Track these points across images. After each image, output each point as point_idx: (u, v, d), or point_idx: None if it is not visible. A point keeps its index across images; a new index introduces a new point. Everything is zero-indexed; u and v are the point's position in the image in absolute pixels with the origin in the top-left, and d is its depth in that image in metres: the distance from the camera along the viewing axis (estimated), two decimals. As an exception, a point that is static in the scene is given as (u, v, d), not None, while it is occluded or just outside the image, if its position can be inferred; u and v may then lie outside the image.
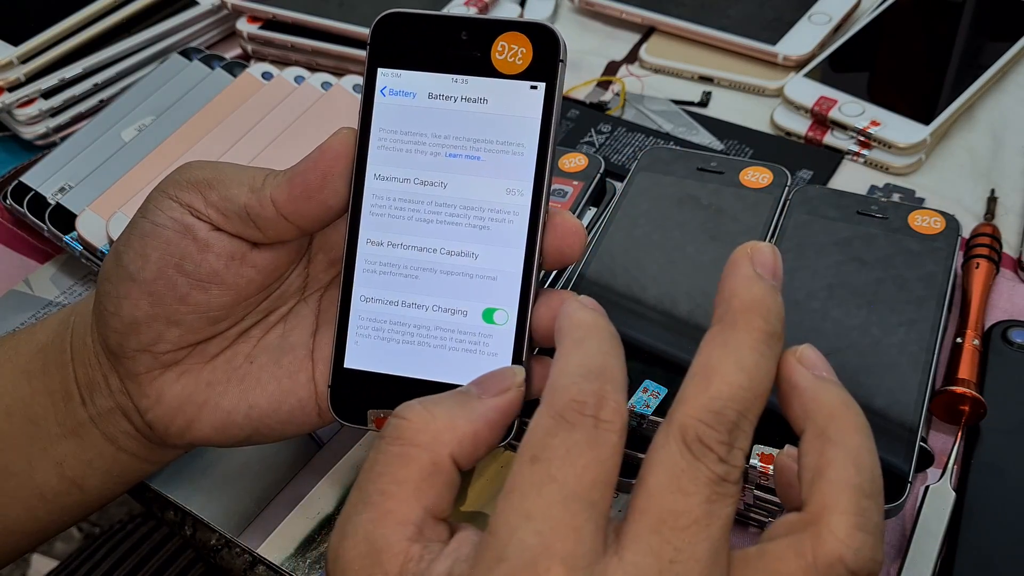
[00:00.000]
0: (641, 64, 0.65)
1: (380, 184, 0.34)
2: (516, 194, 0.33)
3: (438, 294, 0.33)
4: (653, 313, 0.42)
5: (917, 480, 0.40)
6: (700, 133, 0.59)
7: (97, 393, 0.36)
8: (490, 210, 0.33)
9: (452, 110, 0.34)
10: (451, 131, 0.34)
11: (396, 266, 0.34)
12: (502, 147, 0.33)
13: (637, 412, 0.38)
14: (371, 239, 0.34)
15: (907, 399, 0.38)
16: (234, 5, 0.65)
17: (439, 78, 0.34)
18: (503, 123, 0.33)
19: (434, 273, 0.34)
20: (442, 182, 0.34)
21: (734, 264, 0.27)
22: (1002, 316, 0.46)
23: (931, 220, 0.44)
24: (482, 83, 0.33)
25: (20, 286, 0.54)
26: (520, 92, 0.33)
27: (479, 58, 0.33)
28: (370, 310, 0.34)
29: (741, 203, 0.46)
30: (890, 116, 0.56)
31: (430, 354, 0.33)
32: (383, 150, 0.34)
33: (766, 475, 0.36)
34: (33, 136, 0.61)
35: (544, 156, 0.33)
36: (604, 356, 0.26)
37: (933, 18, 0.64)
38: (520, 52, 0.33)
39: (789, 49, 0.61)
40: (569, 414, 0.25)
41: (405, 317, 0.34)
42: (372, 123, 0.34)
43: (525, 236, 0.33)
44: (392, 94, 0.34)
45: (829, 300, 0.42)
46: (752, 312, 0.25)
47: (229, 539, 0.42)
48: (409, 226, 0.34)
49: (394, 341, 0.34)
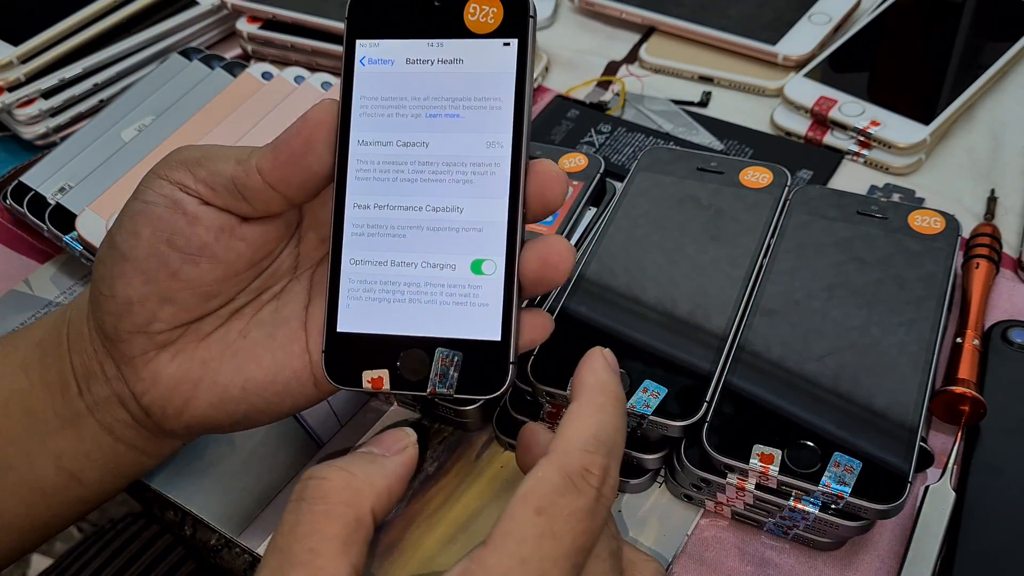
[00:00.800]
0: (641, 64, 0.65)
1: (364, 149, 0.35)
2: (496, 146, 0.34)
3: (426, 250, 0.34)
4: (653, 313, 0.42)
5: (917, 480, 0.40)
6: (700, 133, 0.59)
7: (94, 381, 0.36)
8: (472, 164, 0.34)
9: (429, 72, 0.35)
10: (430, 92, 0.34)
11: (383, 227, 0.34)
12: (480, 103, 0.34)
13: (637, 412, 0.38)
14: (358, 203, 0.35)
15: (907, 399, 0.38)
16: (234, 5, 0.65)
17: (415, 44, 0.35)
18: (479, 80, 0.34)
19: (421, 230, 0.34)
20: (424, 141, 0.34)
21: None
22: (1002, 316, 0.46)
23: (931, 220, 0.44)
24: (457, 44, 0.34)
25: (20, 286, 0.54)
26: (493, 50, 0.34)
27: (452, 21, 0.34)
28: (360, 272, 0.34)
29: (741, 203, 0.46)
30: (890, 116, 0.56)
31: (421, 310, 0.34)
32: (365, 116, 0.35)
33: (766, 475, 0.36)
34: (33, 136, 0.61)
35: (521, 108, 0.34)
36: (617, 432, 0.29)
37: (933, 18, 0.64)
38: (491, 12, 0.34)
39: (789, 49, 0.61)
40: (578, 480, 0.27)
41: (395, 276, 0.34)
42: (353, 92, 0.35)
43: (507, 185, 0.34)
44: (371, 63, 0.35)
45: (829, 300, 0.42)
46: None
47: (229, 539, 0.42)
48: (394, 187, 0.34)
49: (385, 301, 0.34)
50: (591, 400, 0.29)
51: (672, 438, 0.39)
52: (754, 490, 0.37)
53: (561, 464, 0.27)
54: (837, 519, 0.36)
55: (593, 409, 0.29)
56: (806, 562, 0.39)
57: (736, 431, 0.37)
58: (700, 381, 0.39)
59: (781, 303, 0.42)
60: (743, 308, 0.42)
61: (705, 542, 0.40)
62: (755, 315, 0.41)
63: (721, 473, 0.37)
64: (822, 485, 0.35)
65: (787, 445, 0.36)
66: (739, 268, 0.43)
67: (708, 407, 0.38)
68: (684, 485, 0.40)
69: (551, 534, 0.26)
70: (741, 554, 0.39)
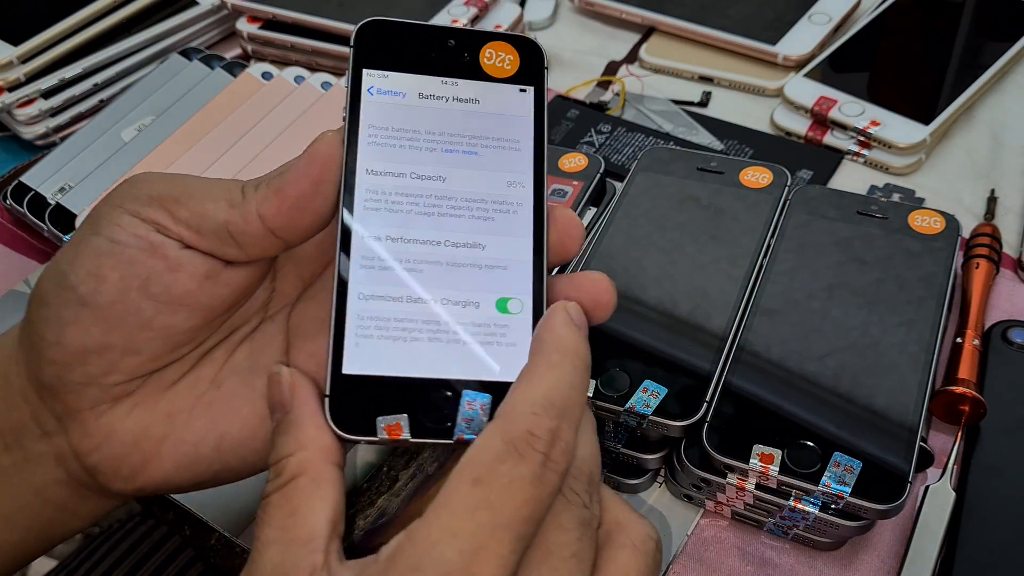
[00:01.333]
0: (641, 64, 0.65)
1: (373, 179, 0.32)
2: (518, 186, 0.33)
3: (447, 286, 0.31)
4: (653, 313, 0.42)
5: (917, 480, 0.40)
6: (700, 133, 0.59)
7: (26, 436, 0.31)
8: (493, 202, 0.33)
9: (445, 108, 0.33)
10: (445, 128, 0.33)
11: (397, 260, 0.32)
12: (499, 143, 0.33)
13: (637, 412, 0.38)
14: (366, 234, 0.31)
15: (907, 399, 0.38)
16: (234, 5, 0.65)
17: (428, 79, 0.33)
18: (497, 121, 0.33)
19: (440, 265, 0.32)
20: (440, 176, 0.33)
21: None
22: (1002, 316, 0.46)
23: (931, 220, 0.44)
24: (473, 85, 0.33)
25: (20, 286, 0.54)
26: (511, 94, 0.34)
27: (468, 62, 0.33)
28: (370, 308, 0.31)
29: (741, 203, 0.46)
30: (890, 116, 0.56)
31: (443, 350, 0.31)
32: (374, 146, 0.32)
33: (766, 475, 0.36)
34: (33, 136, 0.61)
35: (541, 151, 0.33)
36: (570, 390, 0.26)
37: (933, 18, 0.64)
38: (508, 59, 0.34)
39: (789, 49, 0.61)
40: (521, 445, 0.25)
41: (411, 313, 0.31)
42: (360, 120, 0.32)
43: (531, 225, 0.32)
44: (380, 93, 0.33)
45: (829, 300, 0.42)
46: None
47: (229, 539, 0.42)
48: (409, 219, 0.32)
49: (400, 340, 0.31)
50: (544, 358, 0.27)
51: (672, 438, 0.39)
52: (754, 490, 0.37)
53: (504, 429, 0.25)
54: (837, 519, 0.36)
55: (545, 368, 0.27)
56: (806, 562, 0.39)
57: (736, 431, 0.37)
58: (700, 381, 0.39)
59: (781, 303, 0.42)
60: (743, 308, 0.42)
61: (705, 542, 0.40)
62: (755, 315, 0.41)
63: (721, 473, 0.37)
64: (822, 485, 0.35)
65: (787, 445, 0.36)
66: (739, 268, 0.43)
67: (708, 407, 0.38)
68: (684, 485, 0.40)
69: (487, 504, 0.24)
70: (741, 554, 0.39)
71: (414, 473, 0.44)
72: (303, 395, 0.29)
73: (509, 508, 0.24)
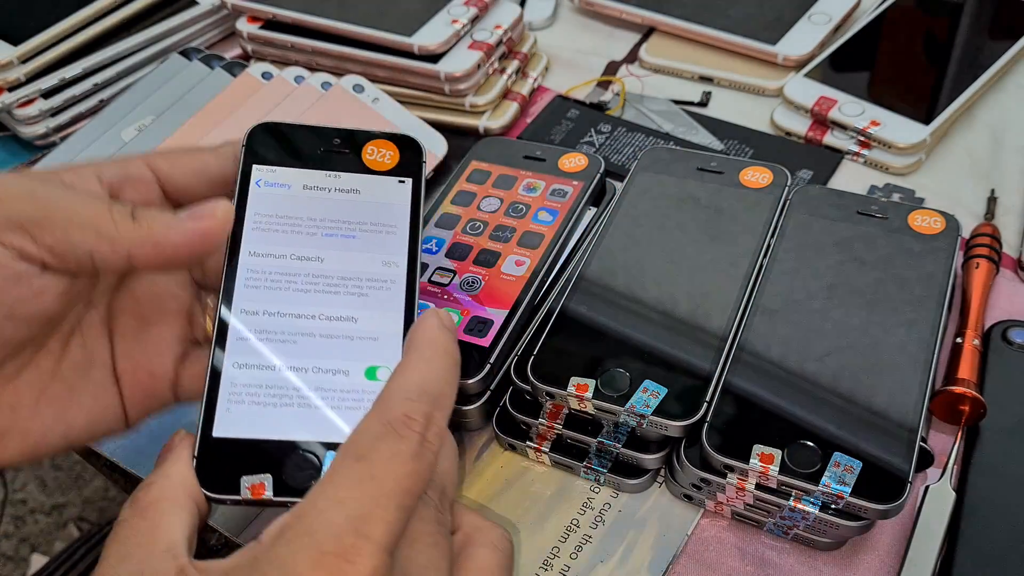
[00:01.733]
0: (641, 64, 0.65)
1: (255, 260, 0.34)
2: (392, 265, 0.35)
3: (318, 356, 0.33)
4: (653, 313, 0.42)
5: (917, 480, 0.40)
6: (700, 133, 0.59)
7: None
8: (368, 279, 0.35)
9: (326, 198, 0.36)
10: (326, 215, 0.36)
11: (273, 332, 0.33)
12: (375, 227, 0.36)
13: (637, 412, 0.38)
14: (246, 309, 0.33)
15: (907, 399, 0.38)
16: (234, 5, 0.65)
17: (312, 173, 0.36)
18: (375, 208, 0.36)
19: (313, 337, 0.33)
20: (319, 257, 0.35)
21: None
22: (1002, 316, 0.46)
23: (931, 220, 0.44)
24: (354, 177, 0.36)
25: (20, 286, 0.54)
26: (389, 185, 0.37)
27: (350, 158, 0.37)
28: (244, 376, 0.32)
29: (741, 203, 0.46)
30: (890, 116, 0.56)
31: (310, 414, 0.32)
32: (258, 231, 0.35)
33: (766, 475, 0.36)
34: (33, 136, 0.61)
35: (416, 234, 0.36)
36: (443, 383, 0.28)
37: (933, 18, 0.64)
38: (388, 154, 0.37)
39: (789, 49, 0.61)
40: (399, 426, 0.27)
41: (282, 381, 0.33)
42: (247, 209, 0.35)
43: (403, 300, 0.35)
44: (268, 185, 0.36)
45: (829, 300, 0.42)
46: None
47: (229, 539, 0.42)
48: (286, 296, 0.34)
49: (271, 405, 0.32)
50: (417, 354, 0.29)
51: (672, 438, 0.39)
52: (754, 490, 0.37)
53: (381, 413, 0.27)
54: (837, 519, 0.36)
55: (418, 361, 0.29)
56: (806, 562, 0.39)
57: (736, 431, 0.37)
58: (700, 381, 0.39)
59: (781, 303, 0.42)
60: (743, 308, 0.42)
61: (705, 542, 0.40)
62: (755, 315, 0.41)
63: (721, 473, 0.37)
64: (822, 485, 0.35)
65: (787, 445, 0.36)
66: (739, 268, 0.43)
67: (708, 407, 0.38)
68: (684, 485, 0.40)
69: (371, 476, 0.25)
70: (741, 554, 0.39)
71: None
72: (179, 443, 0.31)
73: (391, 480, 0.26)
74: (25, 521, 1.36)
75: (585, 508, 0.41)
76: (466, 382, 0.41)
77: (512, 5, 0.63)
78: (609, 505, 0.41)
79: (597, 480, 0.42)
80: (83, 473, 1.39)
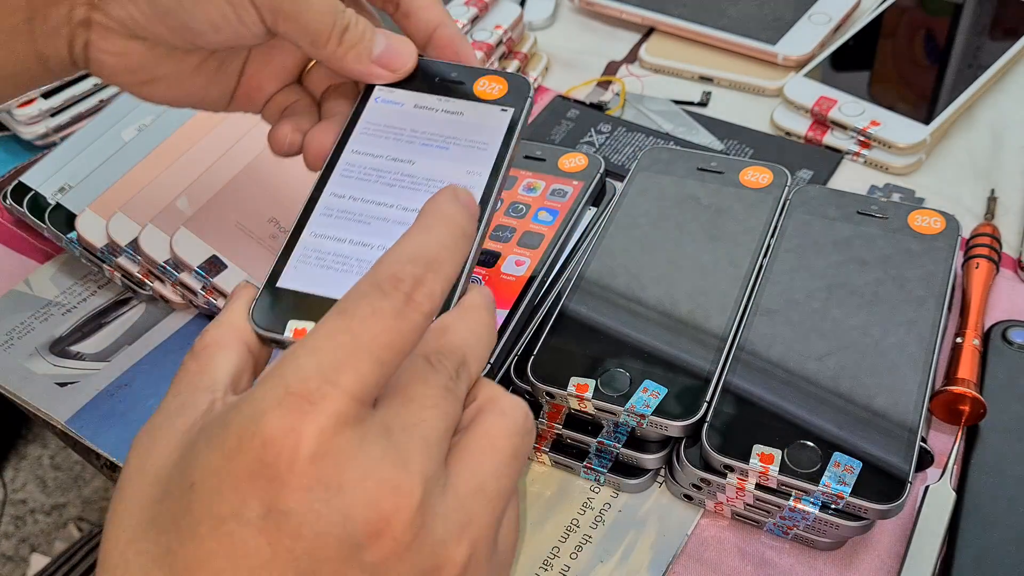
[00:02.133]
0: (641, 64, 0.65)
1: (355, 156, 0.39)
2: (475, 175, 0.38)
3: (387, 237, 0.36)
4: (653, 313, 0.42)
5: (917, 480, 0.40)
6: (700, 133, 0.59)
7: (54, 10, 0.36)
8: (449, 182, 0.37)
9: (432, 115, 0.40)
10: (428, 128, 0.39)
11: (352, 213, 0.37)
12: (469, 143, 0.39)
13: (637, 412, 0.38)
14: (335, 193, 0.38)
15: (907, 399, 0.38)
16: (234, 5, 0.65)
17: (426, 96, 0.40)
18: (473, 128, 0.39)
19: (387, 222, 0.37)
20: (411, 160, 0.39)
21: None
22: (1002, 316, 0.46)
23: (931, 220, 0.44)
24: (461, 103, 0.40)
25: (20, 286, 0.54)
26: (491, 111, 0.40)
27: (463, 88, 0.40)
28: (317, 243, 0.37)
29: (741, 203, 0.46)
30: (890, 116, 0.56)
31: None
32: (365, 135, 0.39)
33: (766, 475, 0.36)
34: (33, 136, 0.61)
35: (504, 153, 0.38)
36: (440, 248, 0.28)
37: (933, 18, 0.64)
38: (497, 87, 0.40)
39: (789, 49, 0.61)
40: (385, 285, 0.26)
41: (349, 252, 0.36)
42: (361, 118, 0.40)
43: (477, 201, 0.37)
44: (383, 102, 0.40)
45: (829, 300, 0.42)
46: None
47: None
48: (373, 187, 0.38)
49: (333, 269, 0.36)
50: (419, 223, 0.29)
51: (672, 438, 0.39)
52: (754, 490, 0.37)
53: (370, 275, 0.27)
54: (837, 519, 0.36)
55: (417, 230, 0.28)
56: (806, 562, 0.39)
57: (736, 431, 0.37)
58: (700, 381, 0.39)
59: (781, 303, 0.42)
60: (743, 308, 0.42)
61: (705, 542, 0.40)
62: (755, 315, 0.41)
63: (721, 473, 0.37)
64: (822, 485, 0.35)
65: (787, 445, 0.36)
66: (739, 268, 0.43)
67: (708, 407, 0.38)
68: (684, 485, 0.40)
69: (347, 329, 0.25)
70: (741, 554, 0.39)
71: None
72: (239, 293, 0.33)
73: (368, 335, 0.25)
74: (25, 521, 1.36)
75: (585, 508, 0.41)
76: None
77: (512, 5, 0.63)
78: (609, 505, 0.41)
79: (597, 480, 0.42)
80: (83, 473, 1.39)
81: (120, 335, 0.51)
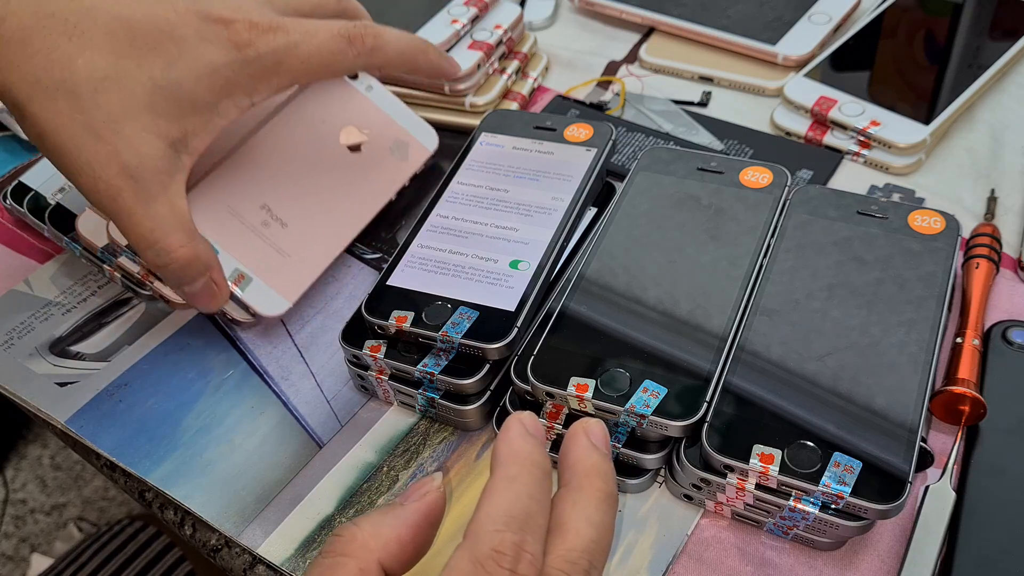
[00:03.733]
0: (641, 64, 0.65)
1: (459, 186, 0.49)
2: (559, 200, 0.47)
3: (480, 248, 0.45)
4: (653, 313, 0.42)
5: (917, 480, 0.40)
6: (700, 133, 0.59)
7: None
8: (536, 206, 0.47)
9: (527, 155, 0.50)
10: (523, 165, 0.49)
11: (453, 230, 0.46)
12: (556, 176, 0.48)
13: (637, 412, 0.38)
14: (441, 214, 0.47)
15: (907, 399, 0.38)
16: (234, 5, 0.65)
17: (523, 140, 0.51)
18: (561, 164, 0.49)
19: (481, 237, 0.46)
20: (506, 189, 0.48)
21: (573, 437, 0.31)
22: (1002, 316, 0.46)
23: (931, 220, 0.44)
24: (553, 144, 0.50)
25: (20, 286, 0.54)
26: (578, 151, 0.49)
27: (555, 133, 0.51)
28: (422, 252, 0.46)
29: (741, 203, 0.46)
30: (890, 116, 0.56)
31: (460, 283, 0.43)
32: (469, 170, 0.50)
33: (766, 475, 0.36)
34: (33, 136, 0.61)
35: (586, 182, 0.48)
36: (530, 501, 0.28)
37: (933, 18, 0.64)
38: (583, 132, 0.51)
39: (789, 49, 0.61)
40: (488, 563, 0.26)
41: (448, 259, 0.45)
42: (467, 157, 0.50)
43: (557, 223, 0.46)
44: (487, 145, 0.51)
45: (829, 300, 0.42)
46: (593, 476, 0.30)
47: (229, 539, 0.42)
48: (472, 210, 0.47)
49: (432, 272, 0.44)
50: (503, 472, 0.29)
51: (672, 438, 0.39)
52: (754, 490, 0.37)
53: (471, 549, 0.27)
54: (837, 519, 0.36)
55: (504, 482, 0.28)
56: (806, 562, 0.39)
57: (736, 431, 0.37)
58: (700, 381, 0.39)
59: (781, 303, 0.42)
60: (743, 308, 0.42)
61: (705, 542, 0.40)
62: (755, 315, 0.41)
63: (721, 473, 0.38)
64: (822, 485, 0.35)
65: (787, 445, 0.36)
66: (739, 268, 0.43)
67: (708, 407, 0.38)
68: (684, 485, 0.40)
69: None
70: (741, 554, 0.39)
71: (414, 473, 0.44)
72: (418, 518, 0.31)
73: None
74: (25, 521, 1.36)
75: (585, 508, 0.41)
76: (466, 382, 0.41)
77: (512, 5, 0.63)
78: (609, 505, 0.41)
79: (597, 480, 0.42)
80: (83, 473, 1.39)
81: (120, 335, 0.51)
